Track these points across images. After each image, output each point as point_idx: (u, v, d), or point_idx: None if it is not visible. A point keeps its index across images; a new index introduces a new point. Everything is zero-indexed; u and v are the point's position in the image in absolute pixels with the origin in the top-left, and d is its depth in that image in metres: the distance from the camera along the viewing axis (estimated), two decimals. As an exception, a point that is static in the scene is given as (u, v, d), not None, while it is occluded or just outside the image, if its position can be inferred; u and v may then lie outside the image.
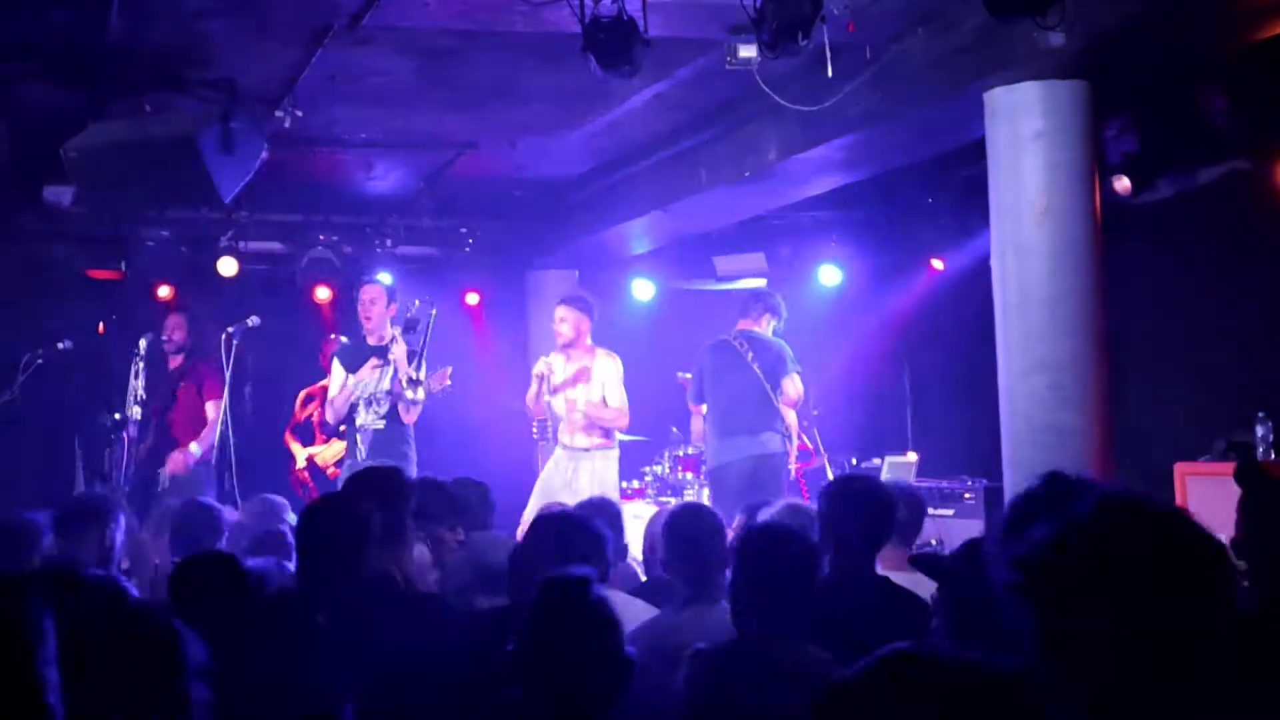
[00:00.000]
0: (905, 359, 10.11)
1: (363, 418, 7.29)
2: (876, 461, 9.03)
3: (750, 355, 7.53)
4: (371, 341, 7.44)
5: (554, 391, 7.45)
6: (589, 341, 7.52)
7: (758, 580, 2.97)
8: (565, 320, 7.42)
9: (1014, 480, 5.87)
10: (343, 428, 7.61)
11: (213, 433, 7.70)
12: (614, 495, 7.33)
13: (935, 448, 9.28)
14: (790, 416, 7.64)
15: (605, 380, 7.46)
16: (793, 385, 7.60)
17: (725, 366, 7.57)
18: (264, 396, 9.24)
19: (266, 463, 8.70)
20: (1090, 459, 5.66)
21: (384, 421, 7.24)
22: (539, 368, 7.49)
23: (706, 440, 7.82)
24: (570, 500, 7.05)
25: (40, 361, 7.86)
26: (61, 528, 4.48)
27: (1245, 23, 5.25)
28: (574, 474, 7.25)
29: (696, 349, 11.14)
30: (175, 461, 7.73)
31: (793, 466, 7.82)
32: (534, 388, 7.47)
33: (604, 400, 7.42)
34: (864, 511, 3.55)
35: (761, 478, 7.26)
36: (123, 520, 4.66)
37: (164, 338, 7.94)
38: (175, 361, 8.08)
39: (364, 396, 7.30)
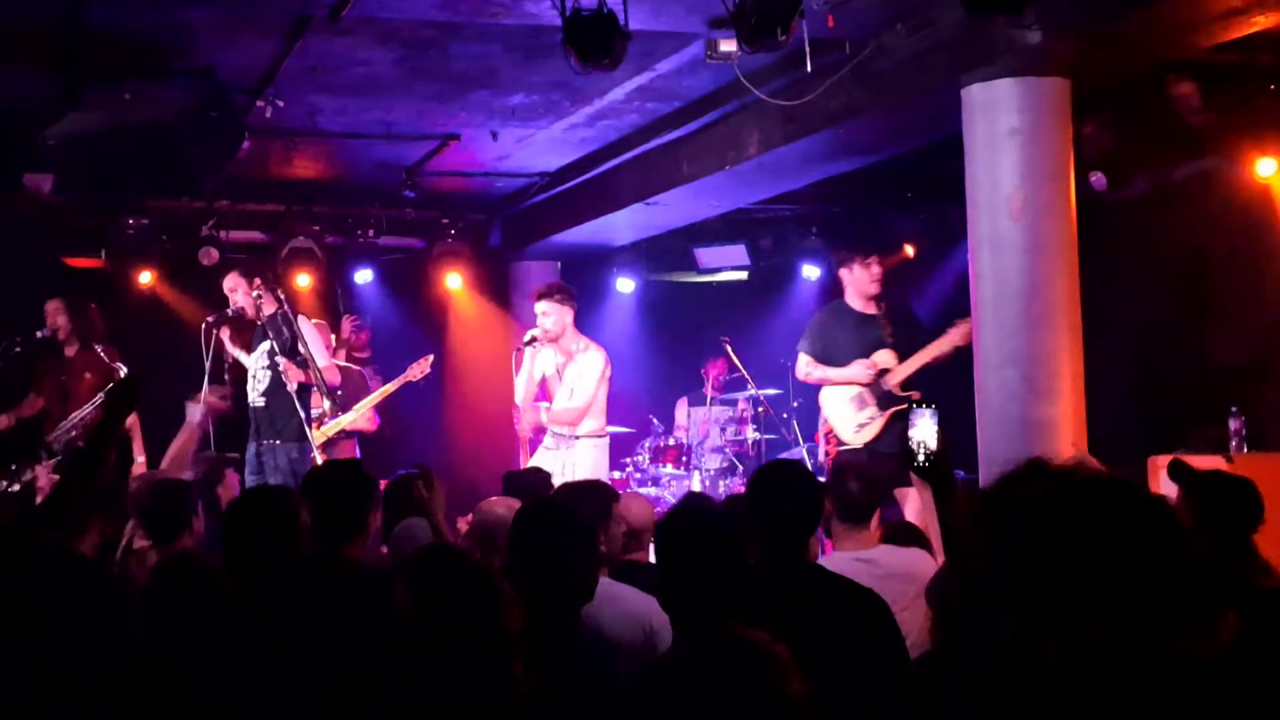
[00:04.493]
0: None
1: (249, 396, 7.20)
2: (855, 453, 9.08)
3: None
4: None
5: (548, 380, 7.46)
6: (574, 332, 7.46)
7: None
8: (549, 315, 7.32)
9: (988, 473, 5.92)
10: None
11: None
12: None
13: (913, 440, 9.31)
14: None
15: (581, 373, 7.37)
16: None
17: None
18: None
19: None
20: (1063, 451, 5.71)
21: (265, 399, 7.18)
22: (526, 354, 7.33)
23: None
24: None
25: (18, 350, 7.84)
26: None
27: (1219, 22, 5.30)
28: (564, 463, 7.23)
29: (678, 340, 11.22)
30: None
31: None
32: (523, 377, 7.34)
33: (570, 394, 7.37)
34: (792, 497, 3.44)
35: None
36: None
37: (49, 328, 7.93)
38: (71, 350, 8.03)
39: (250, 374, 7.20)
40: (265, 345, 7.17)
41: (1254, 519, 3.59)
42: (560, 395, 7.46)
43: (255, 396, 7.18)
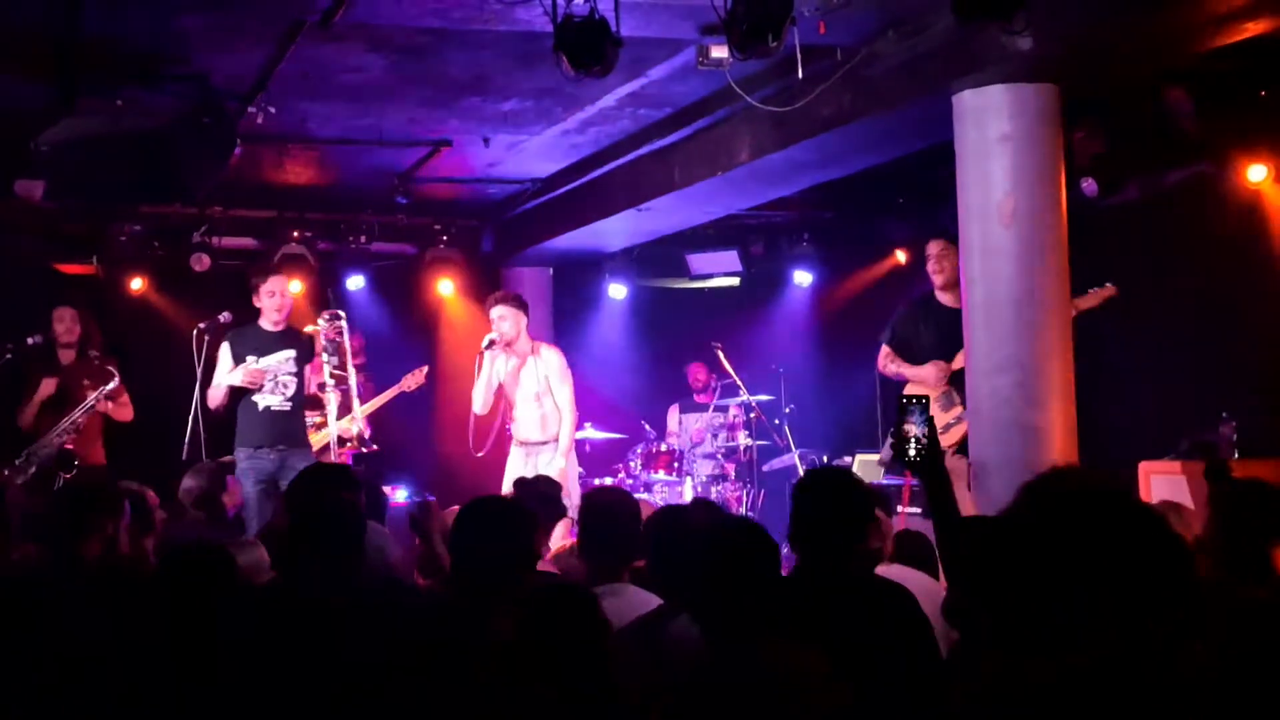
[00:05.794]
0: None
1: (267, 399, 7.22)
2: (848, 459, 9.09)
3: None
4: (270, 327, 7.28)
5: (505, 387, 7.58)
6: (526, 336, 7.66)
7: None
8: (506, 319, 7.52)
9: (981, 479, 5.93)
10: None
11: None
12: (574, 487, 7.42)
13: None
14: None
15: (549, 375, 7.56)
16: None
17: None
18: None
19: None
20: (1055, 457, 5.72)
21: (290, 404, 7.20)
22: (486, 358, 7.54)
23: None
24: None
25: (9, 356, 7.83)
26: None
27: (1211, 28, 5.32)
28: (536, 468, 7.29)
29: (670, 346, 11.21)
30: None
31: None
32: (482, 382, 7.53)
33: (555, 403, 7.52)
34: (840, 505, 3.39)
35: None
36: None
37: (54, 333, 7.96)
38: (68, 357, 8.02)
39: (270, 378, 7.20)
40: (289, 353, 7.16)
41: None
42: (521, 398, 7.56)
43: (280, 401, 7.17)
